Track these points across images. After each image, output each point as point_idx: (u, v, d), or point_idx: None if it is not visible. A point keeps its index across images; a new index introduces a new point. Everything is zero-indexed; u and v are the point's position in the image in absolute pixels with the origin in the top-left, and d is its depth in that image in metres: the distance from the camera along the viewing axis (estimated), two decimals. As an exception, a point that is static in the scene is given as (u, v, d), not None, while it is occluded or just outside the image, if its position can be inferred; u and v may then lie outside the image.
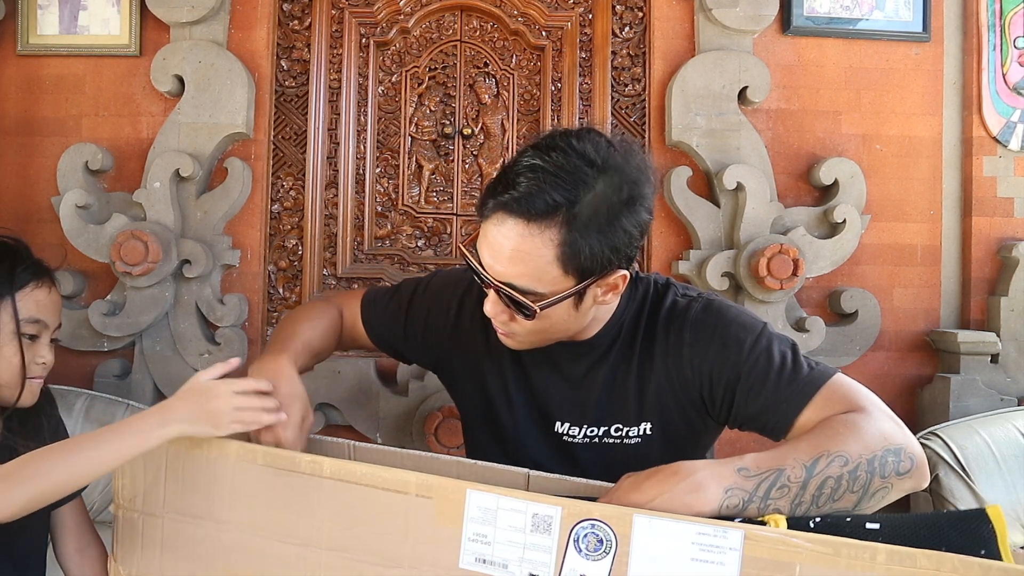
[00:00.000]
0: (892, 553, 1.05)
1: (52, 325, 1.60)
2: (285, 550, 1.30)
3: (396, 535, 1.24)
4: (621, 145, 1.44)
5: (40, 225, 2.65)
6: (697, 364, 1.53)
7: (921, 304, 2.75)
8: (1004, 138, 2.70)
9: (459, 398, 1.86)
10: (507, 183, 1.39)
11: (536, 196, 1.35)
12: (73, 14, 2.64)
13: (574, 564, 1.13)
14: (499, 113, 2.76)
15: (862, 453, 1.30)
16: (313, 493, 1.29)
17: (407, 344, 1.84)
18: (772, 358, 1.48)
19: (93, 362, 2.60)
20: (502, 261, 1.40)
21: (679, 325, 1.56)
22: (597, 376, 1.61)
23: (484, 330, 1.68)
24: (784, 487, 1.25)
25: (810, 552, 1.08)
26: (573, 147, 1.39)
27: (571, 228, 1.36)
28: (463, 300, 1.76)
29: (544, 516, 1.16)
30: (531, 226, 1.36)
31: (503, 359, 1.68)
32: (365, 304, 1.87)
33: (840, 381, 1.46)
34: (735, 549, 1.09)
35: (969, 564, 1.04)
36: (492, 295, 1.47)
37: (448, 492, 1.21)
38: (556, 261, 1.38)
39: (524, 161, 1.39)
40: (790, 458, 1.29)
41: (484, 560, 1.18)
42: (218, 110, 2.58)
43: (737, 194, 2.61)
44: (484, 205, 1.43)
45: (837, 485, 1.27)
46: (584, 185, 1.36)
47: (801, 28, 2.70)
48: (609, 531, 1.13)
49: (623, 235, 1.40)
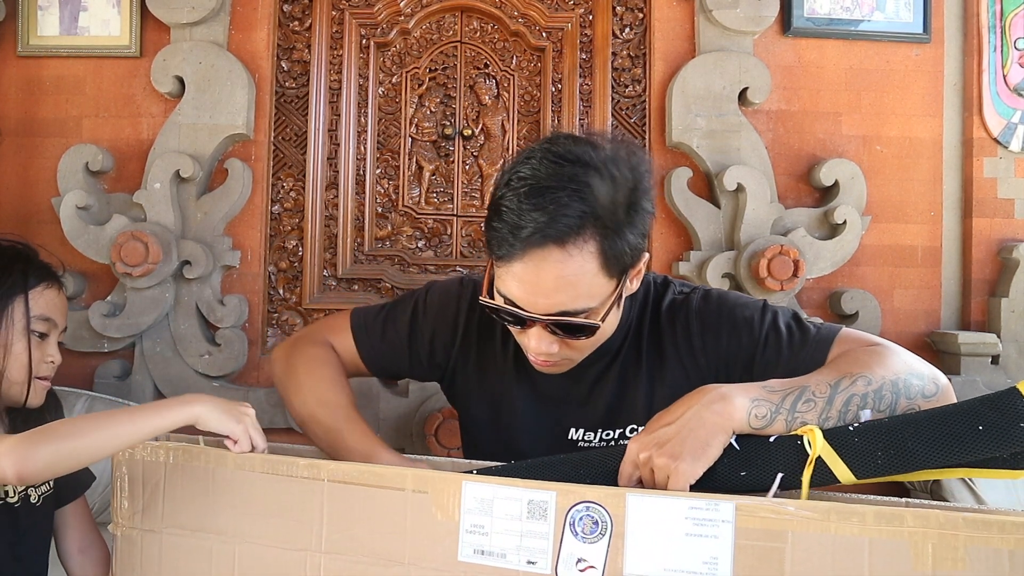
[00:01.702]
0: (880, 514, 1.06)
1: (60, 326, 1.63)
2: (286, 556, 1.30)
3: (395, 533, 1.23)
4: (598, 137, 1.41)
5: (40, 226, 2.65)
6: (711, 351, 1.53)
7: (921, 305, 2.75)
8: (1004, 139, 2.70)
9: (466, 412, 1.81)
10: (517, 217, 1.31)
11: (557, 218, 1.29)
12: (73, 15, 2.65)
13: (571, 548, 1.13)
14: (499, 114, 2.76)
15: (885, 375, 1.30)
16: (312, 497, 1.29)
17: (412, 369, 1.77)
18: (780, 330, 1.49)
19: (93, 363, 2.60)
20: (546, 293, 1.34)
21: (684, 318, 1.56)
22: (608, 379, 1.60)
23: (491, 342, 1.67)
24: (810, 400, 1.26)
25: (801, 519, 1.08)
26: (559, 155, 1.35)
27: (603, 233, 1.33)
28: (468, 314, 1.70)
29: (539, 502, 1.16)
30: (568, 248, 1.31)
31: (511, 371, 1.65)
32: (358, 334, 1.76)
33: (850, 331, 1.48)
34: (728, 521, 1.10)
35: (953, 519, 1.05)
36: (537, 331, 1.41)
37: (444, 485, 1.21)
38: (600, 270, 1.34)
39: (517, 188, 1.33)
40: (814, 378, 1.31)
41: (483, 551, 1.17)
42: (218, 111, 2.58)
43: (737, 195, 2.61)
44: (504, 246, 1.34)
45: (863, 403, 1.27)
46: (589, 186, 1.32)
47: (801, 29, 2.70)
48: (604, 512, 1.13)
49: (645, 216, 1.39)
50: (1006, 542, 1.04)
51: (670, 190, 2.62)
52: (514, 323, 1.43)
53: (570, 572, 1.13)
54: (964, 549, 1.05)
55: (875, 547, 1.07)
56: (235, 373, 2.64)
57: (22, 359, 1.53)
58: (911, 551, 1.06)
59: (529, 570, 1.15)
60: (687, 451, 1.20)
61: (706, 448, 1.21)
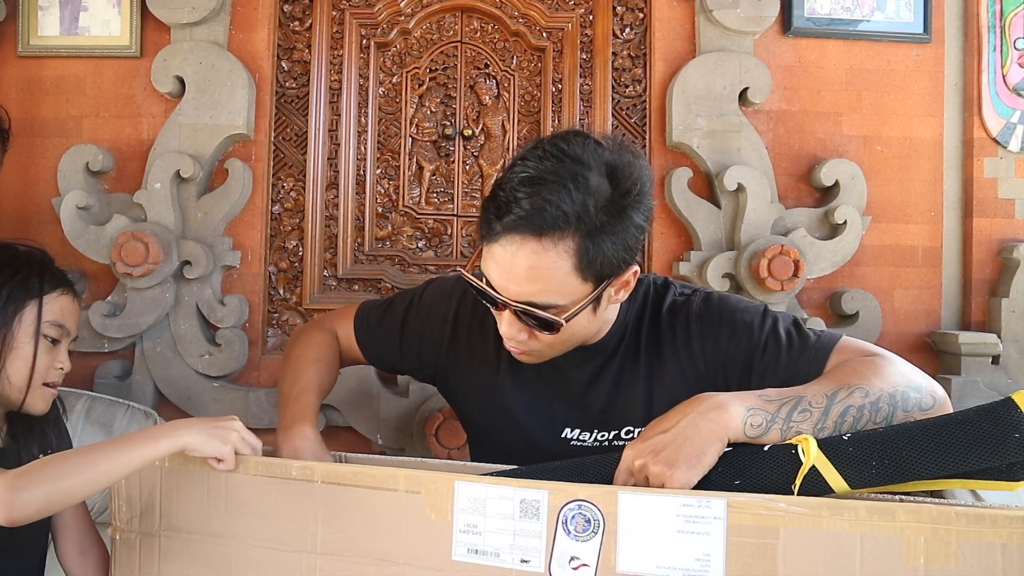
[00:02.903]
0: (872, 509, 1.07)
1: (73, 333, 1.65)
2: (281, 558, 1.31)
3: (389, 533, 1.24)
4: (608, 141, 1.42)
5: (41, 226, 2.65)
6: (709, 354, 1.54)
7: (922, 305, 2.74)
8: (1004, 139, 2.69)
9: (461, 411, 1.84)
10: (507, 201, 1.35)
11: (543, 211, 1.32)
12: (74, 15, 2.65)
13: (564, 547, 1.14)
14: (500, 114, 2.77)
15: (883, 387, 1.31)
16: (306, 499, 1.30)
17: (404, 362, 1.82)
18: (780, 336, 1.50)
19: (93, 363, 2.60)
20: (518, 281, 1.37)
21: (684, 320, 1.57)
22: (604, 380, 1.60)
23: (483, 341, 1.68)
24: (806, 411, 1.27)
25: (792, 515, 1.09)
26: (564, 152, 1.37)
27: (584, 235, 1.34)
28: (458, 312, 1.73)
29: (532, 501, 1.16)
30: (544, 241, 1.33)
31: (503, 369, 1.66)
32: (358, 323, 1.84)
33: (849, 340, 1.49)
34: (719, 518, 1.11)
35: (946, 513, 1.06)
36: (508, 316, 1.44)
37: (437, 485, 1.22)
38: (574, 271, 1.36)
39: (517, 174, 1.37)
40: (811, 388, 1.32)
41: (476, 551, 1.18)
42: (219, 111, 2.58)
43: (738, 195, 2.60)
44: (489, 227, 1.38)
45: (859, 414, 1.28)
46: (586, 189, 1.34)
47: (802, 29, 2.70)
48: (596, 510, 1.14)
49: (634, 230, 1.40)
50: (998, 536, 1.04)
51: (670, 190, 2.62)
52: (488, 302, 1.47)
53: (563, 570, 1.14)
54: (956, 543, 1.05)
55: (867, 542, 1.07)
56: (235, 373, 2.64)
57: (27, 362, 1.54)
58: (903, 545, 1.06)
59: (523, 569, 1.16)
60: (682, 459, 1.20)
61: (701, 456, 1.22)
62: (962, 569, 1.05)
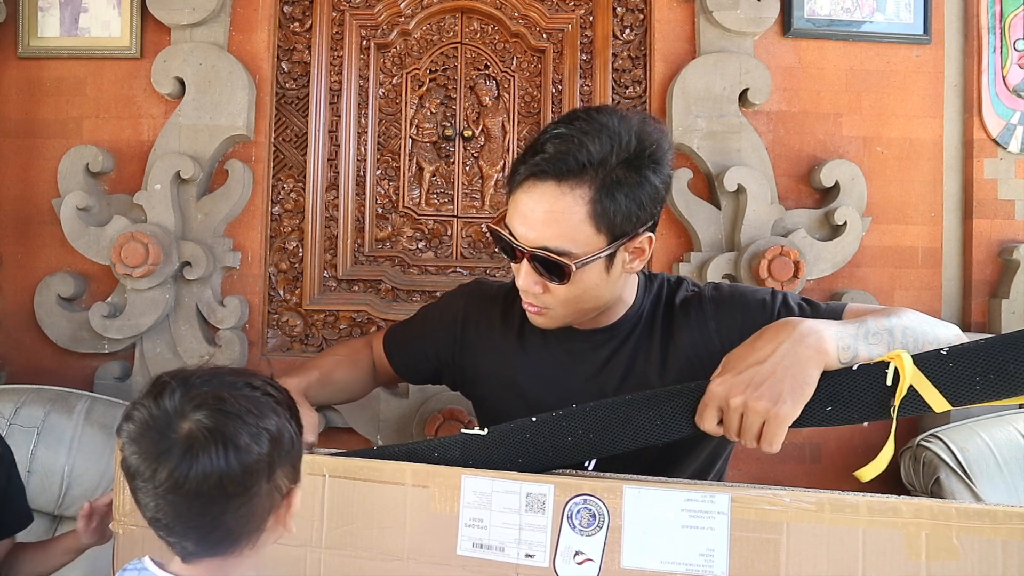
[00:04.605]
0: (874, 505, 1.08)
1: None
2: (286, 552, 1.30)
3: (395, 527, 1.24)
4: (636, 113, 1.49)
5: (41, 227, 2.66)
6: (725, 331, 1.56)
7: (922, 306, 2.72)
8: (1004, 140, 2.70)
9: (479, 402, 1.86)
10: (534, 151, 1.43)
11: (565, 156, 1.39)
12: (74, 16, 2.65)
13: (569, 541, 1.14)
14: (500, 115, 2.77)
15: (914, 315, 1.36)
16: (312, 492, 1.30)
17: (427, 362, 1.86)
18: (792, 307, 1.54)
19: (93, 364, 2.60)
20: (535, 226, 1.43)
21: (698, 305, 1.62)
22: (618, 364, 1.63)
23: (501, 328, 1.74)
24: (876, 333, 1.27)
25: (796, 510, 1.09)
26: (594, 117, 1.43)
27: (601, 184, 1.40)
28: (467, 308, 1.80)
29: (537, 495, 1.16)
30: (562, 185, 1.39)
31: (515, 349, 1.71)
32: (388, 334, 1.92)
33: (857, 304, 1.53)
34: (723, 513, 1.11)
35: (947, 509, 1.07)
36: (525, 266, 1.48)
37: (444, 479, 1.22)
38: (588, 219, 1.40)
39: (549, 132, 1.44)
40: (868, 316, 1.34)
41: (481, 545, 1.18)
42: (219, 112, 2.58)
43: (738, 196, 2.61)
44: (515, 175, 1.46)
45: (918, 333, 1.30)
46: (611, 142, 1.40)
47: (802, 30, 2.70)
48: (601, 505, 1.14)
49: (650, 189, 1.44)
50: (998, 532, 1.05)
51: (670, 191, 2.61)
52: (508, 254, 1.51)
53: (568, 565, 1.14)
54: (957, 539, 1.06)
55: (869, 538, 1.08)
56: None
57: None
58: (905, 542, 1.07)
59: (527, 563, 1.16)
60: (787, 391, 1.18)
61: (804, 387, 1.19)
62: (963, 565, 1.06)
